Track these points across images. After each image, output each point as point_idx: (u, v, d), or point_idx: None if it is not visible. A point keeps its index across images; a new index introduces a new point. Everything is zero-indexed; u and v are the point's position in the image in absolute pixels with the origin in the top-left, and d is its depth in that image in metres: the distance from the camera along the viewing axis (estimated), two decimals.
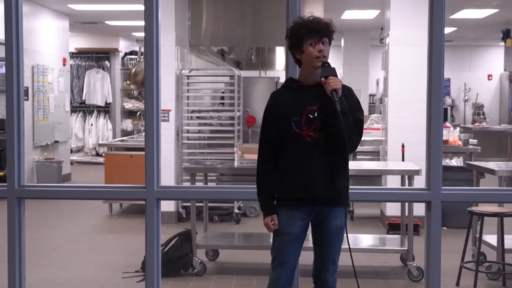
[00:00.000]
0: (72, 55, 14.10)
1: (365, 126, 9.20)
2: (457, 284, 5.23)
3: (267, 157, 3.25)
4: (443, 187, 3.41)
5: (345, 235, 3.28)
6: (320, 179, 3.15)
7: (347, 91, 3.24)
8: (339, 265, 3.34)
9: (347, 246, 5.88)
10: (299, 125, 3.15)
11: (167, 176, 7.24)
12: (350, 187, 3.31)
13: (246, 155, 6.23)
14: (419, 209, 5.11)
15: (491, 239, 5.58)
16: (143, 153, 3.56)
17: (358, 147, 9.90)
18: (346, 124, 3.06)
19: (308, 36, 3.16)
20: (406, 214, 5.74)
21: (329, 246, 3.27)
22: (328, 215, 3.21)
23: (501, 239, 5.29)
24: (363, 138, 9.32)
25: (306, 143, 3.16)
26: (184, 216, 7.83)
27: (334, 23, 3.24)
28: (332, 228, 3.23)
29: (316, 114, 3.15)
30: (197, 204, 6.07)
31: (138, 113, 12.85)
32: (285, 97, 3.24)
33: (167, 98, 7.49)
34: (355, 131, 3.14)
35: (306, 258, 3.56)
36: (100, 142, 13.28)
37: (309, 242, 3.43)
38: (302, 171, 3.17)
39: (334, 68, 3.18)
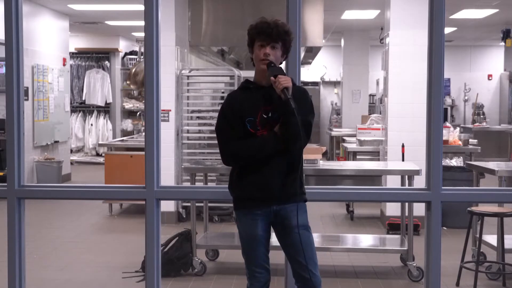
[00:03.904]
0: (72, 55, 14.10)
1: (365, 126, 9.28)
2: (457, 284, 5.23)
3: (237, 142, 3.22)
4: (443, 187, 3.41)
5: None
6: (274, 177, 3.16)
7: (302, 93, 3.25)
8: (339, 265, 3.34)
9: (347, 246, 5.87)
10: (254, 125, 3.18)
11: (167, 176, 7.24)
12: (350, 187, 3.29)
13: None
14: (419, 209, 5.11)
15: (491, 239, 5.58)
16: (143, 153, 3.56)
17: (358, 147, 9.85)
18: (295, 123, 3.05)
19: (258, 37, 3.20)
20: (406, 214, 5.74)
21: (302, 246, 3.22)
22: (288, 215, 3.21)
23: (501, 239, 5.29)
24: (363, 138, 9.40)
25: None
26: (184, 216, 7.83)
27: (291, 29, 3.24)
28: (297, 227, 3.20)
29: (270, 114, 3.16)
30: (197, 204, 6.07)
31: (138, 113, 12.86)
32: (241, 98, 3.25)
33: (167, 98, 7.49)
34: (302, 132, 3.09)
35: None
36: (100, 142, 13.29)
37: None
38: (257, 171, 3.19)
39: (281, 68, 3.18)
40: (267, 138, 3.16)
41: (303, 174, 3.32)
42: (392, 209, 7.20)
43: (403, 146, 7.06)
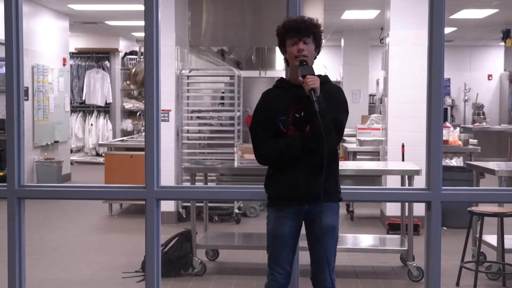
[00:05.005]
0: (72, 55, 14.10)
1: (365, 126, 9.27)
2: (457, 284, 5.23)
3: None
4: (443, 187, 3.40)
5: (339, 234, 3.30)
6: (303, 177, 3.16)
7: (336, 91, 3.26)
8: (339, 265, 3.34)
9: (347, 246, 5.86)
10: (286, 125, 3.18)
11: (167, 176, 7.24)
12: (350, 187, 3.29)
13: (246, 155, 6.23)
14: (419, 209, 5.11)
15: (491, 239, 5.58)
16: (143, 153, 3.56)
17: (358, 147, 9.86)
18: (322, 124, 3.04)
19: (288, 35, 3.20)
20: (406, 214, 5.74)
21: (321, 245, 3.24)
22: (318, 214, 3.20)
23: (501, 239, 5.29)
24: (363, 138, 9.40)
25: None
26: (184, 216, 7.83)
27: (319, 22, 3.25)
28: (323, 226, 3.21)
29: (302, 114, 3.16)
30: (197, 204, 6.07)
31: (138, 113, 12.85)
32: (274, 97, 3.26)
33: (167, 98, 7.49)
34: (332, 131, 3.10)
35: (307, 258, 3.56)
36: (100, 142, 13.29)
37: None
38: (289, 170, 3.19)
39: (311, 67, 3.17)
40: (295, 138, 3.16)
41: (338, 173, 3.32)
42: (392, 209, 7.20)
43: (403, 146, 7.06)
